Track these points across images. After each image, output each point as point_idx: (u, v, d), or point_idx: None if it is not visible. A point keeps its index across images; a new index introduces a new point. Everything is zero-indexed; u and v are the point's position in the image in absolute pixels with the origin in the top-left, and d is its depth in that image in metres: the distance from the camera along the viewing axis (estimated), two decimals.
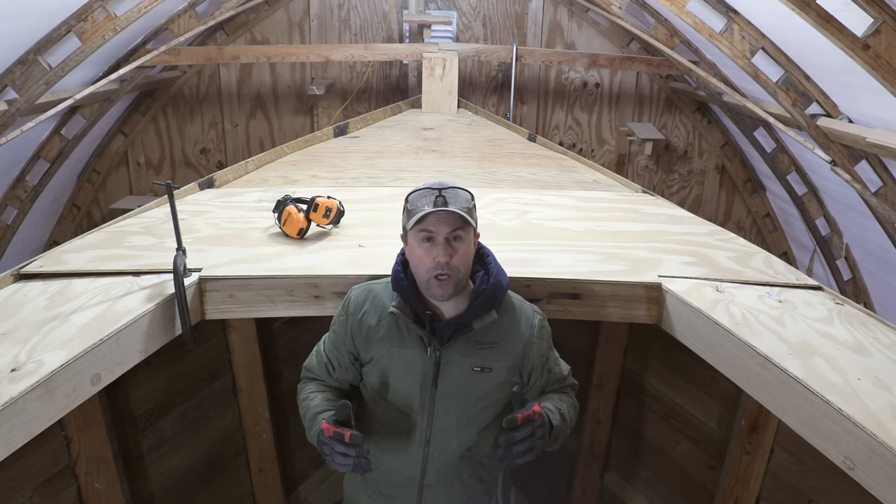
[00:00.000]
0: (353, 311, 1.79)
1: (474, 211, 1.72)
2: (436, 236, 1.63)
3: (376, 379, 1.78)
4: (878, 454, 1.35)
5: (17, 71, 3.66)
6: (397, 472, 1.79)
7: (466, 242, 1.67)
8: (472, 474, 1.80)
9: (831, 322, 1.84)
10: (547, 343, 1.82)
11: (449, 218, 1.63)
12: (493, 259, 1.80)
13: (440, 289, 1.65)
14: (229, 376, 2.81)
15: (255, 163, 3.36)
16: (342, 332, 1.80)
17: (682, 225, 2.64)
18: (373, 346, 1.76)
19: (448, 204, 1.63)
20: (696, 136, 5.78)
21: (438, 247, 1.63)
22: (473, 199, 1.72)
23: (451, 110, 4.82)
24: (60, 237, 5.39)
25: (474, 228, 1.71)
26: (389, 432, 1.78)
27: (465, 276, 1.70)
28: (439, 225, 1.63)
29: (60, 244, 2.30)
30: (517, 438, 1.57)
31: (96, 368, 1.63)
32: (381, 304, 1.76)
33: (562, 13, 5.55)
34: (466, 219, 1.64)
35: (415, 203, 1.67)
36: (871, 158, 3.30)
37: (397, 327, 1.74)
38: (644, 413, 2.97)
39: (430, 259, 1.64)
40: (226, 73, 5.58)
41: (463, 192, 1.69)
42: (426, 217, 1.63)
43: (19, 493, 1.98)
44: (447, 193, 1.65)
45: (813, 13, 2.66)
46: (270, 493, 2.98)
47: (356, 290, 1.83)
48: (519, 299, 1.82)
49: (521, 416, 1.58)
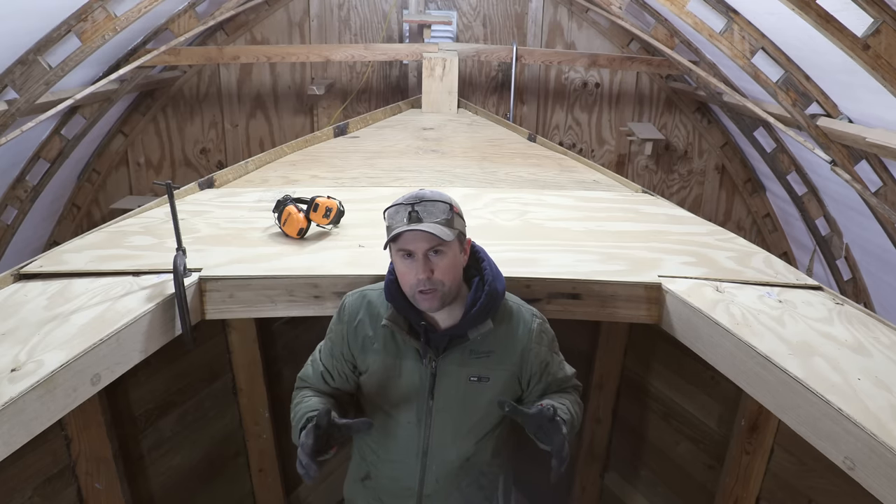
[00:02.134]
0: (347, 319, 1.75)
1: (456, 220, 1.64)
2: (414, 253, 1.58)
3: (373, 389, 1.75)
4: (878, 454, 1.35)
5: (17, 71, 3.66)
6: (395, 482, 1.78)
7: (448, 255, 1.60)
8: (472, 482, 1.78)
9: (831, 322, 1.84)
10: (547, 348, 1.76)
11: (423, 235, 1.56)
12: (488, 263, 1.73)
13: (426, 302, 1.60)
14: (229, 376, 2.81)
15: (255, 163, 3.36)
16: (339, 341, 1.77)
17: (682, 225, 2.64)
18: (368, 356, 1.73)
19: (422, 219, 1.56)
20: (696, 136, 5.78)
21: (418, 263, 1.58)
22: (453, 208, 1.64)
23: (451, 110, 4.82)
24: (60, 237, 5.39)
25: (458, 238, 1.64)
26: (387, 442, 1.76)
27: (452, 287, 1.63)
28: (415, 242, 1.57)
29: (60, 244, 2.30)
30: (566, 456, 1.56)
31: (96, 368, 1.63)
32: (376, 312, 1.72)
33: (562, 13, 5.54)
34: (441, 235, 1.56)
35: (390, 220, 1.61)
36: (871, 158, 3.30)
37: (392, 338, 1.71)
38: (644, 413, 2.97)
39: (412, 275, 1.59)
40: (226, 73, 5.58)
41: (440, 204, 1.61)
42: (401, 235, 1.58)
43: (19, 493, 1.98)
44: (420, 208, 1.58)
45: (813, 13, 2.66)
46: (270, 493, 2.98)
47: (350, 298, 1.78)
48: (517, 303, 1.77)
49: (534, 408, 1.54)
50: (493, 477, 1.79)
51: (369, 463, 1.82)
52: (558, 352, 1.82)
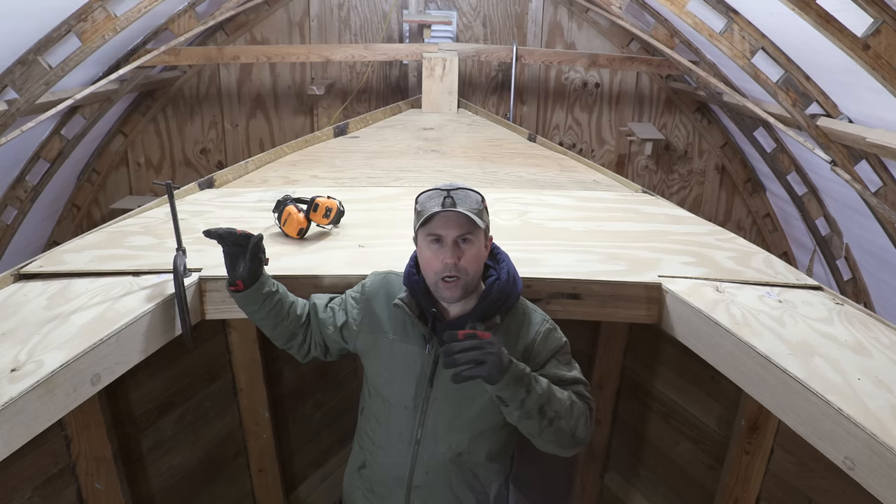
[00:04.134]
0: (368, 293, 1.82)
1: (485, 213, 1.69)
2: (444, 238, 1.62)
3: (376, 370, 1.78)
4: (878, 454, 1.35)
5: (17, 71, 3.66)
6: (387, 471, 1.79)
7: (476, 245, 1.65)
8: (463, 482, 1.77)
9: (831, 322, 1.84)
10: (550, 352, 1.71)
11: (457, 219, 1.61)
12: (506, 265, 1.75)
13: (448, 291, 1.63)
14: (229, 376, 2.81)
15: (255, 163, 3.37)
16: (352, 305, 1.83)
17: (682, 225, 2.64)
18: (374, 335, 1.77)
19: (456, 205, 1.61)
20: (696, 136, 5.78)
21: (446, 248, 1.62)
22: (484, 200, 1.69)
23: (451, 110, 4.82)
24: (60, 237, 5.39)
25: (485, 231, 1.68)
26: (383, 428, 1.78)
27: (475, 278, 1.67)
28: (447, 227, 1.62)
29: (60, 244, 2.30)
30: (455, 349, 1.45)
31: (96, 368, 1.63)
32: (393, 294, 1.77)
33: (562, 13, 5.55)
34: (475, 221, 1.61)
35: (423, 204, 1.66)
36: (871, 158, 3.30)
37: (402, 321, 1.74)
38: (644, 413, 2.97)
39: (439, 261, 1.62)
40: (226, 73, 5.58)
41: (473, 194, 1.67)
42: (433, 218, 1.61)
43: (19, 493, 1.98)
44: (456, 194, 1.63)
45: (813, 13, 2.66)
46: (270, 493, 2.98)
47: (374, 276, 1.85)
48: (531, 308, 1.78)
49: (463, 333, 1.48)
50: (486, 481, 1.78)
51: (366, 451, 1.85)
52: (570, 363, 1.74)
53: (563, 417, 1.59)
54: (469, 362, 1.45)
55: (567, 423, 1.60)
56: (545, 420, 1.57)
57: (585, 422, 1.65)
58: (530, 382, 1.54)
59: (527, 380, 1.54)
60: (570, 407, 1.61)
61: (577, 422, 1.62)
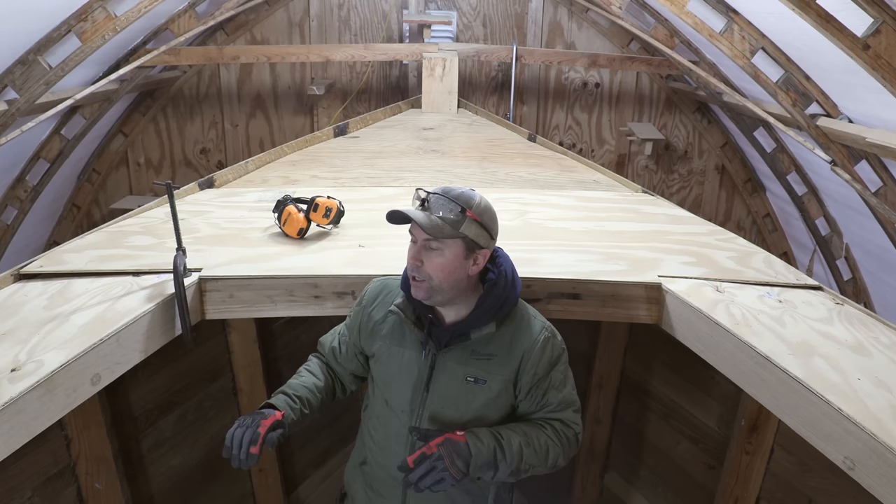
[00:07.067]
0: (366, 303, 1.82)
1: (466, 225, 1.60)
2: (415, 237, 1.64)
3: (377, 374, 1.79)
4: (878, 454, 1.35)
5: (17, 71, 3.66)
6: (385, 470, 1.79)
7: (444, 255, 1.60)
8: (460, 485, 1.77)
9: (831, 322, 1.84)
10: (547, 364, 1.68)
11: (418, 224, 1.58)
12: (506, 269, 1.70)
13: (414, 289, 1.64)
14: (229, 376, 2.81)
15: (255, 163, 3.37)
16: (354, 323, 1.83)
17: (682, 225, 2.64)
18: (375, 341, 1.77)
19: (428, 209, 1.60)
20: (696, 136, 5.78)
21: (416, 247, 1.63)
22: (467, 212, 1.60)
23: (451, 110, 4.82)
24: (60, 237, 5.39)
25: (465, 243, 1.61)
26: (381, 429, 1.79)
27: (443, 286, 1.62)
28: (415, 227, 1.62)
29: (60, 244, 2.30)
30: (413, 479, 1.53)
31: (96, 368, 1.63)
32: (391, 299, 1.77)
33: (562, 13, 5.54)
34: (437, 229, 1.57)
35: (411, 199, 1.68)
36: (871, 158, 3.30)
37: (399, 326, 1.74)
38: (644, 413, 2.97)
39: (410, 258, 1.65)
40: (226, 73, 5.58)
41: (453, 204, 1.60)
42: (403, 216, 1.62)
43: (19, 493, 1.98)
44: (434, 199, 1.61)
45: (813, 13, 2.66)
46: (270, 493, 2.98)
47: (373, 283, 1.85)
48: (532, 314, 1.75)
49: (412, 459, 1.54)
50: (483, 484, 1.77)
51: (367, 448, 1.85)
52: (565, 377, 1.72)
53: (538, 465, 1.65)
54: (433, 483, 1.52)
55: (543, 467, 1.67)
56: (521, 474, 1.64)
57: (565, 455, 1.70)
58: (496, 459, 1.58)
59: (492, 459, 1.58)
60: (545, 453, 1.65)
61: (554, 461, 1.68)
